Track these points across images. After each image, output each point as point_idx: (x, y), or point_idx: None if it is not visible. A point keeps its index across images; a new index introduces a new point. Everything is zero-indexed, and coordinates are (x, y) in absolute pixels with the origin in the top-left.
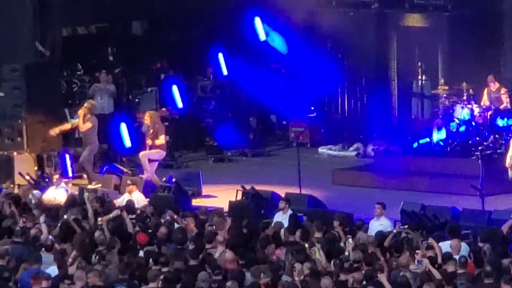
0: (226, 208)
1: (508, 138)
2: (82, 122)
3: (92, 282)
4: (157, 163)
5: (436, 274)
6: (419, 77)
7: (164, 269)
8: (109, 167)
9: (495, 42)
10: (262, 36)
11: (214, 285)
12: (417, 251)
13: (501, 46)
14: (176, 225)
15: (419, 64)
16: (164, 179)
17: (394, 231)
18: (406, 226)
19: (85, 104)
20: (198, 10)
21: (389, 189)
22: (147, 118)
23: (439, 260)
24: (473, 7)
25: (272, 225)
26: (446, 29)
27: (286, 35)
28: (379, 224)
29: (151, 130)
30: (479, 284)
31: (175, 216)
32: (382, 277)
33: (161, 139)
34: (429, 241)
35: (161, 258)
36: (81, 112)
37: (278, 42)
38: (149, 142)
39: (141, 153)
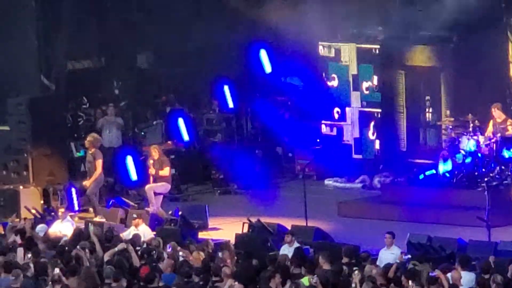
0: (232, 241)
1: None
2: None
3: None
4: (162, 196)
5: None
6: (426, 109)
7: None
8: (115, 200)
9: (501, 74)
10: (267, 69)
11: None
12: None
13: (506, 77)
14: (181, 258)
15: (426, 97)
16: (170, 212)
17: (398, 261)
18: (410, 257)
19: (88, 138)
20: (203, 43)
21: (395, 220)
22: (154, 152)
23: None
24: (480, 40)
25: (278, 258)
26: (451, 61)
27: (292, 68)
28: (390, 253)
29: (157, 163)
30: None
31: (178, 248)
32: None
33: (166, 171)
34: (436, 273)
35: None
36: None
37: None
38: (152, 172)
39: (147, 186)
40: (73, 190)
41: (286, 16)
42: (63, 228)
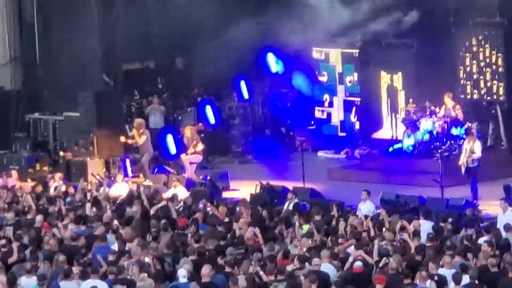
0: (248, 199)
1: (461, 143)
2: (138, 137)
3: (150, 254)
4: (195, 165)
5: (412, 245)
6: (397, 98)
7: (200, 245)
8: (159, 168)
9: (451, 71)
10: (274, 68)
11: (238, 257)
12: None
13: (455, 73)
14: (209, 212)
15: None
16: (201, 177)
17: (371, 215)
18: (380, 211)
19: (134, 124)
20: (225, 48)
21: (371, 183)
22: (187, 132)
23: (411, 236)
24: (434, 44)
25: (283, 211)
26: (413, 62)
27: (292, 66)
28: (365, 206)
29: (192, 141)
30: (441, 255)
31: (208, 204)
32: (362, 252)
33: (199, 147)
34: (402, 222)
35: (197, 237)
36: (134, 131)
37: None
38: (191, 151)
39: (184, 158)
40: (128, 161)
41: (288, 28)
42: (120, 189)
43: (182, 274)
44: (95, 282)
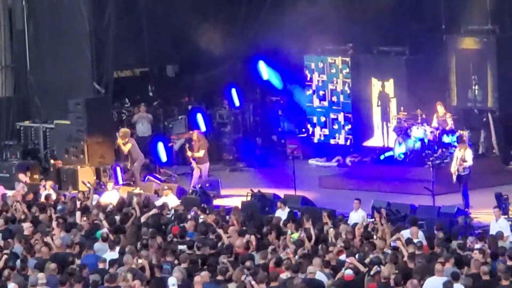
0: (239, 207)
1: (452, 151)
2: (123, 146)
3: (142, 262)
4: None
5: (405, 252)
6: (389, 106)
7: (191, 252)
8: (150, 176)
9: (443, 78)
10: (265, 76)
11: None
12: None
13: (447, 81)
14: (200, 220)
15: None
16: (192, 184)
17: (364, 223)
18: (373, 220)
19: (120, 134)
20: (216, 56)
21: (362, 190)
22: (194, 135)
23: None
24: (425, 52)
25: (274, 219)
26: (404, 70)
27: (283, 74)
28: (357, 215)
29: (195, 145)
30: (432, 262)
31: (198, 212)
32: (353, 260)
33: (200, 153)
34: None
35: (189, 245)
36: (119, 140)
37: (276, 81)
38: (189, 154)
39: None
40: (118, 169)
41: (280, 36)
42: (110, 197)
43: (172, 282)
44: None
